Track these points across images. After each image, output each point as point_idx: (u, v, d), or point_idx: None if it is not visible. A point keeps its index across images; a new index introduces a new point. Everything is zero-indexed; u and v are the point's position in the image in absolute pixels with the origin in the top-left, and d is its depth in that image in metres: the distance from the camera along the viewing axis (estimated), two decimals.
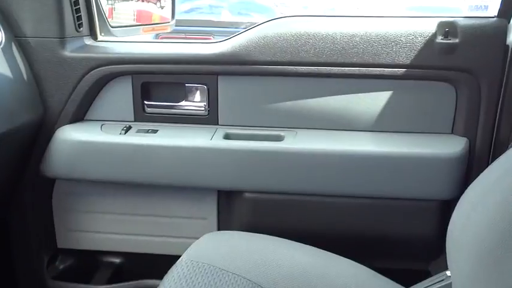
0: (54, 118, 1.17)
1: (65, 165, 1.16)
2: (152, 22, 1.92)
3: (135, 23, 1.73)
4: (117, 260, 1.33)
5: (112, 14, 1.45)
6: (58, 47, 1.14)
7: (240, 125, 1.19)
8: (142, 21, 1.86)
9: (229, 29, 4.96)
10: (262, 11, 6.39)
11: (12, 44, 1.11)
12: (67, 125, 1.17)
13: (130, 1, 1.80)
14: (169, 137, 1.14)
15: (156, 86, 1.20)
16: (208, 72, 1.15)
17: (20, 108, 1.08)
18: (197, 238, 0.97)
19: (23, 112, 1.09)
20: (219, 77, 1.15)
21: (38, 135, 1.17)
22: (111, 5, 1.46)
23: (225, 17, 6.08)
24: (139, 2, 1.87)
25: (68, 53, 1.14)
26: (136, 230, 1.26)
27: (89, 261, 1.34)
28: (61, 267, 1.33)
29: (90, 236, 1.29)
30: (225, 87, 1.16)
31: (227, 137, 1.16)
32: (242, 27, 4.98)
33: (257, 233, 1.00)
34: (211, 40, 1.39)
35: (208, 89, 1.17)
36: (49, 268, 1.30)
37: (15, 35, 1.13)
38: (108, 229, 1.28)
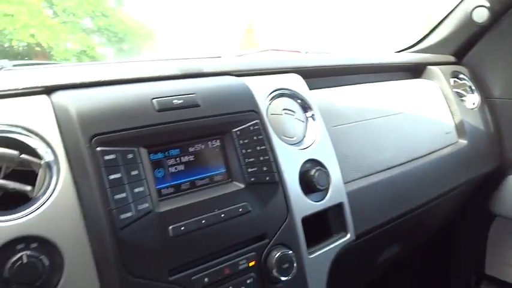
0: (507, 166, 1.44)
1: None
2: None
3: None
4: None
5: None
6: None
7: None
8: None
9: None
10: None
11: (484, 105, 1.45)
12: None
13: None
14: None
15: None
16: None
17: (482, 160, 1.40)
18: None
19: (483, 163, 1.40)
20: None
21: (487, 180, 1.47)
22: None
23: None
24: None
25: None
26: None
27: None
28: None
29: None
30: None
31: None
32: None
33: None
34: None
35: None
36: None
37: (485, 96, 1.47)
38: None
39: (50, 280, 0.60)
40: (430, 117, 1.30)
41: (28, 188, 0.63)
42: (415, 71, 1.44)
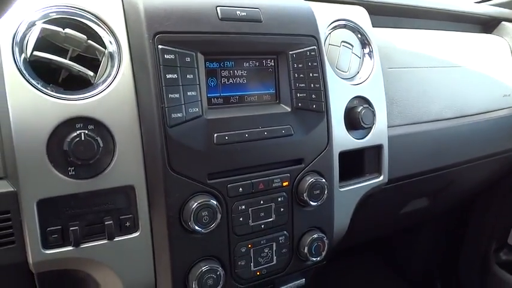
0: None
1: None
2: None
3: None
4: None
5: None
6: None
7: None
8: None
9: None
10: None
11: None
12: None
13: None
14: None
15: None
16: None
17: None
18: None
19: None
20: None
21: None
22: None
23: None
24: None
25: None
26: None
27: None
28: (504, 258, 1.62)
29: None
30: None
31: None
32: None
33: None
34: None
35: None
36: (495, 255, 1.63)
37: None
38: None
39: (102, 161, 0.66)
40: (490, 76, 1.26)
41: (91, 73, 0.67)
42: (487, 25, 1.37)
